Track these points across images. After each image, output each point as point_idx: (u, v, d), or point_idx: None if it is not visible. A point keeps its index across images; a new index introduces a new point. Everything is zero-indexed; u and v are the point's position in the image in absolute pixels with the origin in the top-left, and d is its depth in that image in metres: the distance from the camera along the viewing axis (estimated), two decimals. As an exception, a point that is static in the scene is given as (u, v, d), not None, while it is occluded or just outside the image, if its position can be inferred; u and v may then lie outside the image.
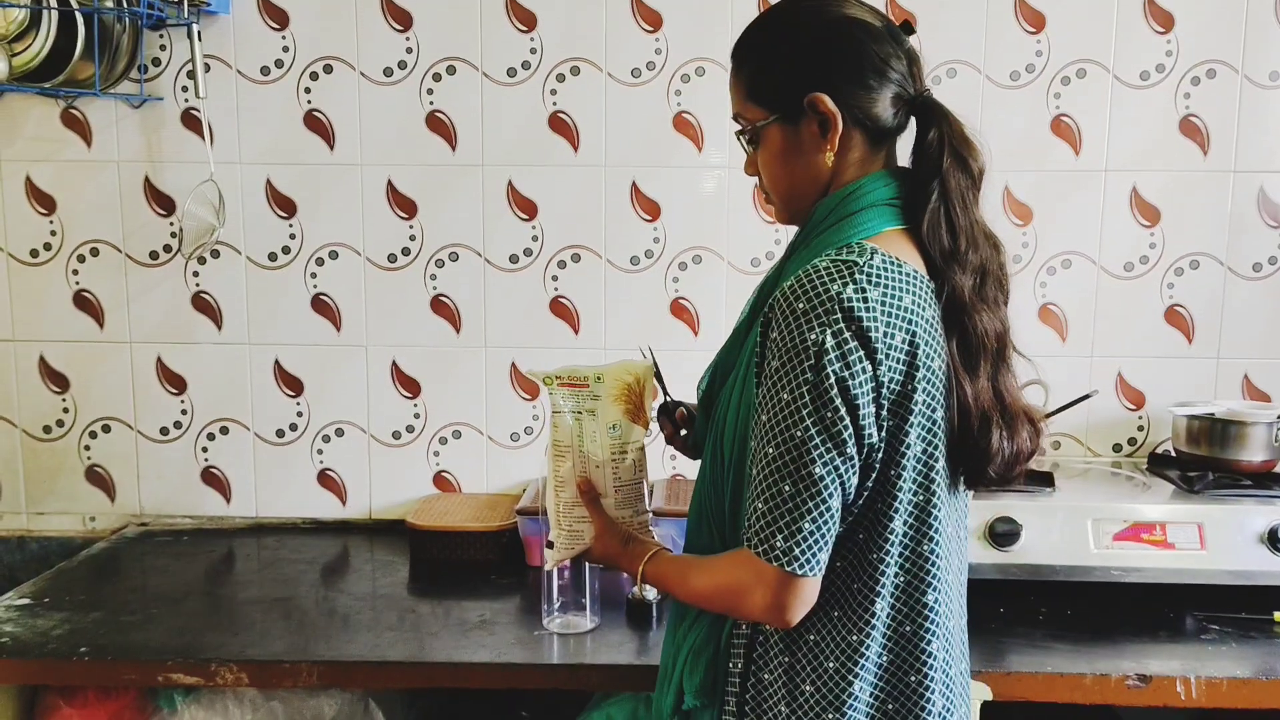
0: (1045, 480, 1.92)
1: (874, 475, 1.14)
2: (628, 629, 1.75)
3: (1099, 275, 2.18)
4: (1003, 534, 1.80)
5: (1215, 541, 1.80)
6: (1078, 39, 2.12)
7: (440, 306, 2.23)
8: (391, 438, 2.28)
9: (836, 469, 1.10)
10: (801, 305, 1.10)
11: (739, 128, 1.28)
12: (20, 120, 2.19)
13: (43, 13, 1.98)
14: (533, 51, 2.15)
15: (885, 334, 1.10)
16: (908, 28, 1.24)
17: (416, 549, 2.09)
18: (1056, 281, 2.18)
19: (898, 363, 1.11)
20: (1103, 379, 2.20)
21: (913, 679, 1.18)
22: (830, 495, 1.10)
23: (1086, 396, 2.02)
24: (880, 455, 1.13)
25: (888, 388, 1.11)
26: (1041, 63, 2.12)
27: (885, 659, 1.18)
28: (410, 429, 2.27)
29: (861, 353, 1.09)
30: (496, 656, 1.64)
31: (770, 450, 1.11)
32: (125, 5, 2.06)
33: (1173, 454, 2.11)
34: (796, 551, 1.10)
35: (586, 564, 1.68)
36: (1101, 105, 2.13)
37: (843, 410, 1.08)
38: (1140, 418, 2.22)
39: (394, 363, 2.25)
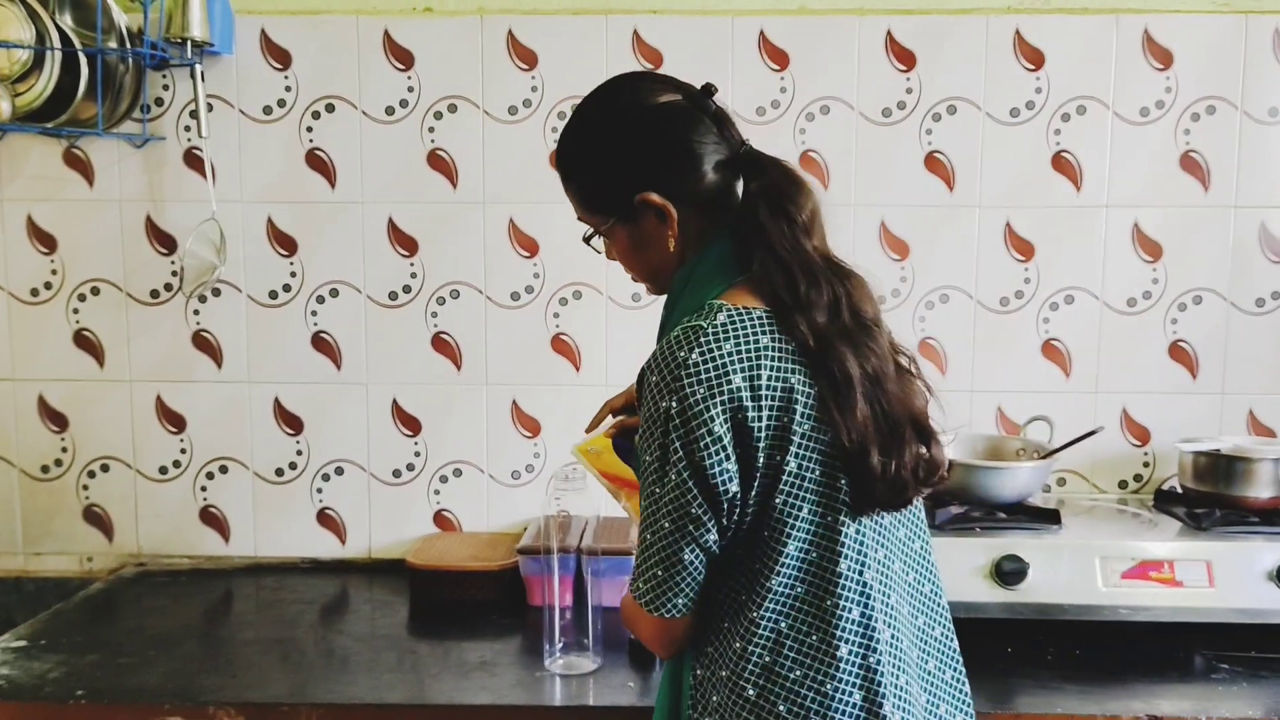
0: (1051, 518, 1.90)
1: (750, 513, 1.16)
2: (630, 670, 1.73)
3: (1102, 311, 2.18)
4: (1009, 572, 1.78)
5: (1224, 579, 1.78)
6: (1077, 76, 2.12)
7: (441, 344, 2.23)
8: (392, 476, 2.26)
9: (682, 525, 1.15)
10: (655, 378, 1.17)
11: (587, 231, 1.34)
12: (22, 160, 2.20)
13: (46, 53, 2.00)
14: (534, 90, 2.16)
15: (746, 381, 1.13)
16: (709, 89, 1.27)
17: (416, 589, 2.07)
18: (1059, 317, 2.18)
19: (768, 401, 1.13)
20: (1107, 415, 2.19)
21: (829, 687, 1.16)
22: (679, 548, 1.17)
23: (1092, 433, 2.01)
24: (755, 494, 1.15)
25: (759, 429, 1.13)
26: (1041, 99, 2.13)
27: (797, 673, 1.16)
28: (411, 467, 2.26)
29: (709, 414, 1.12)
30: (498, 698, 1.62)
31: (642, 503, 1.21)
32: (129, 46, 2.08)
33: (1179, 490, 2.09)
34: (651, 596, 1.20)
35: (589, 604, 1.75)
36: (1102, 141, 2.14)
37: (686, 474, 1.14)
38: (1146, 454, 2.21)
39: (394, 401, 2.24)
